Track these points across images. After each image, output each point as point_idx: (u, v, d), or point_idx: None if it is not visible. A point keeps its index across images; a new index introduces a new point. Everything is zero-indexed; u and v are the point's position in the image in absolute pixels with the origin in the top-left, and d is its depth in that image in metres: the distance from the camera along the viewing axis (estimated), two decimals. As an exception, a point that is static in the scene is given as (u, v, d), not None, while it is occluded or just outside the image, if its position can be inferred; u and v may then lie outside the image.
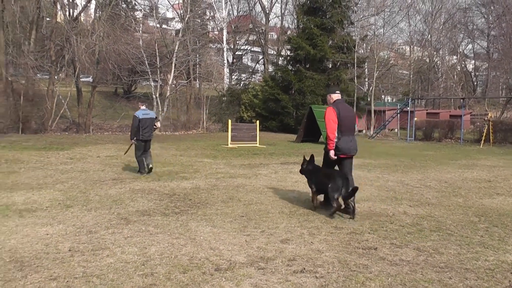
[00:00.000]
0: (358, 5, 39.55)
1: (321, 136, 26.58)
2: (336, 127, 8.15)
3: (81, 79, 34.82)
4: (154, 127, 13.03)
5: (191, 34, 36.44)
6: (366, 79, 43.55)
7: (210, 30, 48.84)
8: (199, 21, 42.89)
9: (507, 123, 29.53)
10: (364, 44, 43.73)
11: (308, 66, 37.53)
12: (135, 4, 43.76)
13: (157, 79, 35.41)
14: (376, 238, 6.55)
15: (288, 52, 40.89)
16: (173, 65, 34.53)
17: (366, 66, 42.55)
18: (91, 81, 35.24)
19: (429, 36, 57.77)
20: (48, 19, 33.15)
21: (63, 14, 32.98)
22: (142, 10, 45.04)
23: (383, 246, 6.17)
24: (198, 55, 38.73)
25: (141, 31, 38.81)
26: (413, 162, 16.98)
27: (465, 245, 6.29)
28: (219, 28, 49.58)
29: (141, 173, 12.42)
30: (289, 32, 48.80)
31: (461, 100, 41.57)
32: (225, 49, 47.04)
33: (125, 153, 14.71)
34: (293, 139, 27.76)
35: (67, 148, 19.06)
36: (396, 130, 39.24)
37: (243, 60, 60.05)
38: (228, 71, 47.17)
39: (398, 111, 34.58)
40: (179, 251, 5.78)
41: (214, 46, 48.96)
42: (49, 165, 14.05)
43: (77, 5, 37.82)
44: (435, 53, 58.53)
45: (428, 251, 6.00)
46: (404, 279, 5.00)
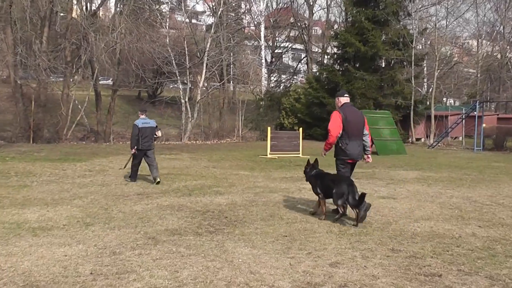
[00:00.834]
0: (417, -6, 39.26)
1: (373, 145, 26.39)
2: (338, 133, 9.13)
3: (100, 82, 35.25)
4: (155, 137, 14.17)
5: (225, 30, 36.78)
6: (425, 80, 43.05)
7: (246, 25, 49.19)
8: (234, 15, 43.29)
9: None
10: (423, 39, 43.32)
11: (358, 65, 37.34)
12: (161, -4, 44.38)
13: (186, 81, 35.78)
14: (440, 264, 6.46)
15: (335, 50, 40.79)
16: (204, 65, 34.83)
17: (425, 64, 42.08)
18: (111, 84, 35.68)
19: (501, 28, 56.50)
20: (63, 15, 33.45)
21: (80, 9, 33.22)
22: (169, 3, 45.47)
23: (449, 273, 6.08)
24: (233, 54, 39.06)
25: (168, 27, 39.29)
26: (482, 176, 16.67)
27: (547, 272, 6.14)
28: (256, 23, 49.87)
29: (131, 180, 13.80)
30: (336, 27, 48.71)
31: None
32: (263, 47, 47.21)
33: (124, 167, 15.66)
34: (341, 149, 27.56)
35: (85, 159, 19.43)
36: (461, 139, 38.54)
37: (283, 59, 60.15)
38: (267, 72, 47.37)
39: (463, 117, 34.00)
40: (215, 275, 5.83)
41: (251, 44, 49.26)
42: (65, 178, 14.35)
43: (96, -1, 38.47)
44: (508, 48, 57.27)
45: (504, 280, 5.89)
46: (475, 311, 4.92)
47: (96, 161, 18.86)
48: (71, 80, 32.79)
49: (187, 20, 40.53)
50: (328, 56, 42.09)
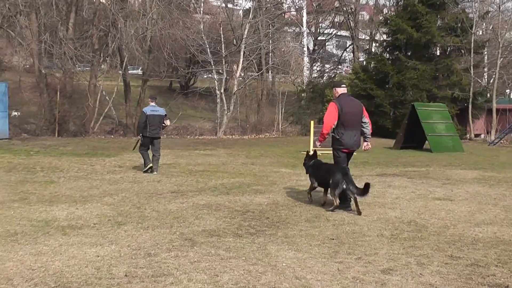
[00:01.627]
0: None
1: (427, 142, 26.11)
2: (333, 124, 9.95)
3: (129, 71, 35.65)
4: (163, 125, 15.35)
5: (264, 15, 36.76)
6: (486, 69, 42.29)
7: (287, 10, 49.06)
8: (273, -1, 43.22)
9: None
10: (485, 24, 42.53)
11: (410, 54, 36.94)
12: (196, -21, 44.60)
13: (222, 71, 35.92)
14: (507, 273, 6.36)
15: (384, 37, 40.45)
16: (242, 54, 34.88)
17: (487, 52, 41.34)
18: (141, 74, 36.01)
19: None
20: (90, -1, 33.94)
21: (108, -7, 33.72)
22: (204, -13, 45.83)
23: (516, 283, 6.01)
24: (272, 41, 38.99)
25: (203, 12, 39.48)
26: (551, 176, 16.32)
27: None
28: (298, 8, 49.73)
29: (146, 165, 14.81)
30: (386, 11, 48.22)
31: None
32: (305, 34, 47.08)
33: (134, 149, 16.92)
34: (391, 145, 27.38)
35: (114, 154, 19.75)
36: (526, 135, 37.81)
37: (327, 47, 59.88)
38: (309, 61, 47.21)
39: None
40: (258, 280, 5.87)
41: (292, 30, 49.13)
42: (94, 174, 14.62)
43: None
44: None
45: None
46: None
47: (126, 156, 19.10)
48: (99, 70, 33.19)
49: (223, 5, 40.72)
50: (377, 44, 41.73)
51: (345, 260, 6.68)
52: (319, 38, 54.23)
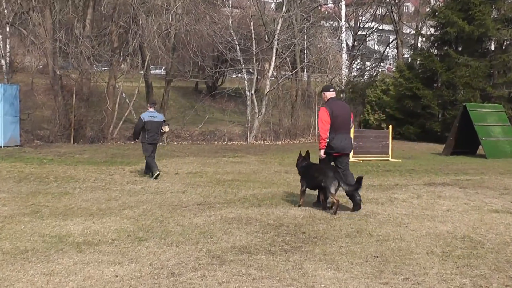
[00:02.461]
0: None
1: (480, 147, 25.72)
2: (328, 128, 11.08)
3: (152, 72, 35.84)
4: (161, 131, 16.47)
5: (298, 9, 36.72)
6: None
7: (323, 3, 49.03)
8: (309, -9, 43.19)
9: None
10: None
11: (461, 49, 36.51)
12: (224, -30, 44.79)
13: (253, 70, 35.95)
14: None
15: (432, 30, 40.04)
16: (274, 51, 34.86)
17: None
18: (165, 74, 36.19)
19: None
20: (109, -7, 34.18)
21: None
22: (233, -22, 45.99)
23: None
24: (307, 37, 38.93)
25: (232, 6, 39.60)
26: None
27: None
28: (335, 0, 49.66)
29: (154, 173, 15.61)
30: (433, 2, 47.85)
31: None
32: (344, 28, 46.94)
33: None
34: (440, 151, 27.07)
35: (135, 163, 19.78)
36: None
37: (368, 43, 59.61)
38: (348, 58, 47.05)
39: None
40: (293, 303, 5.80)
41: (329, 25, 49.03)
42: (113, 185, 14.70)
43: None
44: None
45: None
46: None
47: (148, 165, 19.15)
48: (118, 70, 33.37)
49: (254, -2, 40.73)
50: (424, 39, 41.33)
51: (391, 281, 6.60)
52: (359, 33, 53.98)
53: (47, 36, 29.05)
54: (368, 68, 51.01)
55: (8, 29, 32.08)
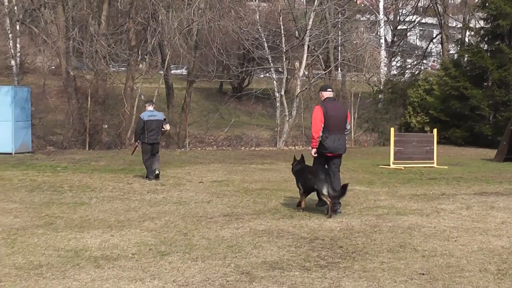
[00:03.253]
0: None
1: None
2: (321, 127, 11.89)
3: (172, 72, 35.93)
4: (162, 130, 17.38)
5: (332, 2, 36.63)
6: None
7: (359, -5, 48.97)
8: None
9: None
10: None
11: (515, 44, 36.24)
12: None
13: (282, 69, 35.95)
14: None
15: (482, 23, 39.74)
16: (306, 48, 34.88)
17: None
18: (186, 74, 36.26)
19: None
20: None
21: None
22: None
23: None
24: (342, 33, 38.86)
25: (259, 0, 39.64)
26: None
27: None
28: (373, -9, 49.63)
29: (149, 179, 16.78)
30: (483, -8, 47.55)
31: None
32: (382, 23, 46.82)
33: (132, 154, 18.83)
34: (491, 156, 26.81)
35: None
36: None
37: (409, 38, 59.37)
38: (387, 55, 46.90)
39: None
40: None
41: (365, 19, 48.96)
42: (132, 194, 14.75)
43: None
44: None
45: None
46: None
47: (169, 172, 19.20)
48: (136, 70, 33.53)
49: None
50: (472, 32, 41.04)
51: (440, 301, 6.51)
52: (399, 28, 53.87)
53: (60, 35, 29.20)
54: (410, 66, 50.76)
55: (18, 27, 32.45)
